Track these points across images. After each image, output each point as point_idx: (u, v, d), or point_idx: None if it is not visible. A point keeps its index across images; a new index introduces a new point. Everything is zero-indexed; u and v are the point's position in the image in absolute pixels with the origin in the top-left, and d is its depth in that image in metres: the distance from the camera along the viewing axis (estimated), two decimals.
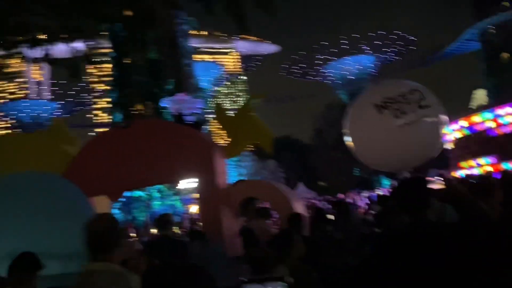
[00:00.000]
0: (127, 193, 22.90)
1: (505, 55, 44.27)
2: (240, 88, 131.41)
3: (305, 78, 64.46)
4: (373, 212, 8.60)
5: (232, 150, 6.08)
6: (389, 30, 59.53)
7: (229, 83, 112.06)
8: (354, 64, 60.33)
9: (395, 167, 6.75)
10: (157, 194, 32.18)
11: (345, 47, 58.84)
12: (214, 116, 7.29)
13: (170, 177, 6.61)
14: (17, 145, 6.89)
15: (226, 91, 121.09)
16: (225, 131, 6.14)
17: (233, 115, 6.15)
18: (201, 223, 6.12)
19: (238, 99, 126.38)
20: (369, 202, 11.52)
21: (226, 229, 5.74)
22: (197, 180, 6.28)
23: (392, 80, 6.89)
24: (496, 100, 34.15)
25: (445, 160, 23.88)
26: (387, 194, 8.46)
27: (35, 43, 13.11)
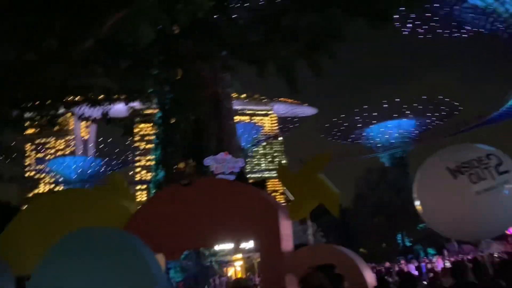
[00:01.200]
0: None
1: None
2: (276, 149, 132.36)
3: (345, 141, 64.18)
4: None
5: (297, 211, 5.81)
6: (432, 94, 59.21)
7: (266, 144, 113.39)
8: (395, 128, 59.78)
9: (471, 236, 6.27)
10: (194, 255, 31.61)
11: (386, 111, 58.67)
12: (276, 175, 7.14)
13: (231, 237, 6.38)
14: (76, 200, 6.90)
15: (263, 152, 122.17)
16: (289, 191, 5.92)
17: (298, 173, 5.93)
18: None
19: (274, 159, 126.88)
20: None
21: None
22: (253, 243, 6.00)
23: (465, 144, 6.58)
24: None
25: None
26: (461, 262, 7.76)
27: (95, 102, 13.85)
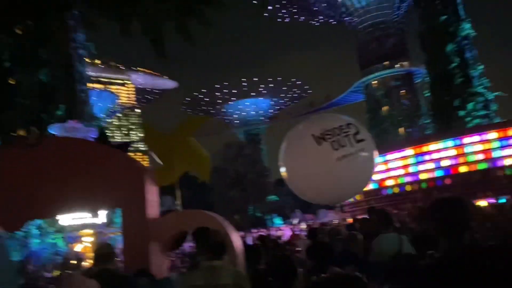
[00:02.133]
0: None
1: (384, 108, 49.38)
2: (133, 121, 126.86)
3: (206, 116, 64.67)
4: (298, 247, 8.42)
5: (166, 176, 5.40)
6: (286, 77, 63.11)
7: (122, 116, 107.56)
8: (253, 106, 62.35)
9: (329, 200, 6.67)
10: (36, 231, 28.57)
11: (245, 89, 60.66)
12: (143, 136, 6.51)
13: (87, 205, 5.66)
14: None
15: (118, 123, 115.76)
16: (156, 154, 5.46)
17: (168, 136, 5.51)
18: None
19: (130, 132, 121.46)
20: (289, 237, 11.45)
21: (155, 267, 4.98)
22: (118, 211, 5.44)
23: (328, 114, 6.90)
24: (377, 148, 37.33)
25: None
26: (316, 227, 8.38)
27: None
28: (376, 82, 49.69)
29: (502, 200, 17.16)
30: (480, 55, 30.86)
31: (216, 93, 61.95)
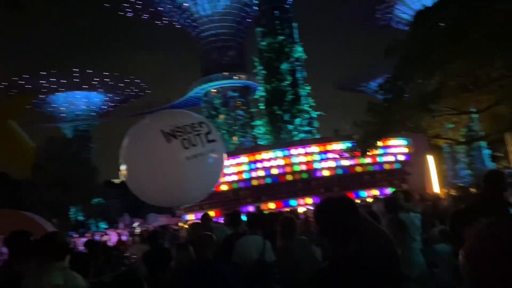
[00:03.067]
0: None
1: (221, 116, 50.99)
2: None
3: (31, 95, 56.78)
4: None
5: None
6: (125, 72, 59.98)
7: None
8: (83, 99, 57.47)
9: (174, 201, 6.19)
10: None
11: (76, 80, 55.51)
12: None
13: None
14: None
15: None
16: None
17: None
18: None
19: None
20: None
21: None
22: None
23: (180, 110, 6.53)
24: None
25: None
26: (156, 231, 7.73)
27: None
28: (215, 90, 51.01)
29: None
30: (308, 77, 34.37)
31: (41, 81, 55.15)
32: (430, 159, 24.94)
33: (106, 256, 7.44)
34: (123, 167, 5.97)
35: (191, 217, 22.77)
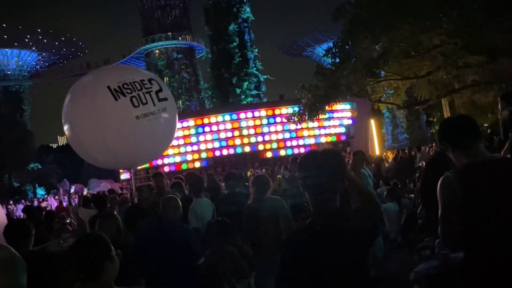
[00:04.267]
0: None
1: (165, 78, 49.41)
2: None
3: None
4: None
5: None
6: (60, 31, 55.92)
7: None
8: (14, 58, 53.24)
9: (122, 164, 5.83)
10: None
11: (5, 37, 51.05)
12: None
13: None
14: None
15: None
16: None
17: None
18: None
19: None
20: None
21: None
22: None
23: (128, 66, 6.01)
24: None
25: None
26: (104, 196, 7.36)
27: None
28: (158, 51, 49.05)
29: None
30: (256, 39, 33.85)
31: None
32: (372, 124, 25.82)
33: (48, 223, 7.00)
34: (66, 127, 5.50)
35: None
